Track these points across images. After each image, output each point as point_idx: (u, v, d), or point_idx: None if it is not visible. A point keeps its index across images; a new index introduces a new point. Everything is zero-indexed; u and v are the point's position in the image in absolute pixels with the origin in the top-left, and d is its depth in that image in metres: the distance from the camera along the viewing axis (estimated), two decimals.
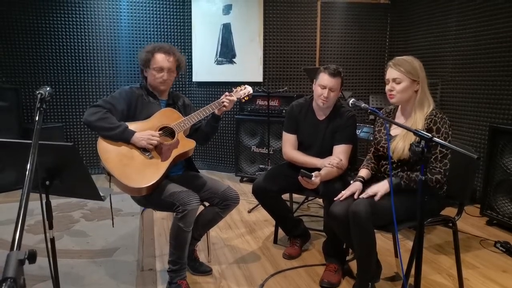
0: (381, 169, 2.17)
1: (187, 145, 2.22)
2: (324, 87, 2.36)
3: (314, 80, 2.46)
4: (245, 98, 2.44)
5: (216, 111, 2.30)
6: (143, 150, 2.12)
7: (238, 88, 2.43)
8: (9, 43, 4.40)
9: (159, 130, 2.18)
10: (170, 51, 2.26)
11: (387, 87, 2.05)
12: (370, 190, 1.98)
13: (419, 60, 2.05)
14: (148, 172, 2.06)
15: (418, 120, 1.98)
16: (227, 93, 2.34)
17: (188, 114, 2.30)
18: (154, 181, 2.04)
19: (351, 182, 2.16)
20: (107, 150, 2.07)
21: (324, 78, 2.37)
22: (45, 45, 4.52)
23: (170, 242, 2.14)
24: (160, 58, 2.23)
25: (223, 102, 2.28)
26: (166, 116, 2.24)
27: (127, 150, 2.10)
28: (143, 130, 2.13)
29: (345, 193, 2.05)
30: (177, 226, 2.06)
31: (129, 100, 2.20)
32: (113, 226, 2.76)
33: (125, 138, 2.09)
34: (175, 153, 2.17)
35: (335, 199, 2.07)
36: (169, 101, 2.36)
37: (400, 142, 1.98)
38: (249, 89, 2.44)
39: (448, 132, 1.95)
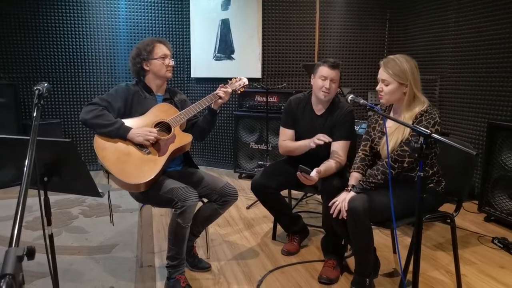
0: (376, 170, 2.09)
1: (184, 139, 2.21)
2: (325, 78, 2.35)
3: (312, 75, 2.45)
4: (241, 90, 2.43)
5: (212, 105, 2.30)
6: (140, 146, 2.11)
7: (234, 80, 2.42)
8: (7, 39, 4.37)
9: (156, 126, 2.18)
10: (165, 40, 2.32)
11: (377, 87, 2.04)
12: (342, 206, 1.99)
13: (413, 61, 2.00)
14: (145, 168, 2.06)
15: (406, 120, 1.95)
16: (222, 85, 2.34)
17: None
18: (152, 177, 2.04)
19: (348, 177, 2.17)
20: (104, 148, 2.07)
21: (324, 70, 2.36)
22: (43, 41, 4.49)
23: (169, 238, 2.14)
24: (162, 47, 2.27)
25: (218, 94, 2.28)
26: (162, 111, 2.24)
27: (124, 146, 2.09)
28: (140, 126, 2.12)
29: (337, 208, 2.02)
30: (176, 222, 2.06)
31: (125, 97, 2.20)
32: (112, 224, 2.76)
33: (121, 134, 2.08)
34: (172, 147, 2.16)
35: (333, 216, 2.04)
36: (166, 96, 2.36)
37: (388, 139, 1.98)
38: (244, 80, 2.43)
39: (432, 129, 1.89)
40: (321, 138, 2.25)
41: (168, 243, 2.16)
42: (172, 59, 2.30)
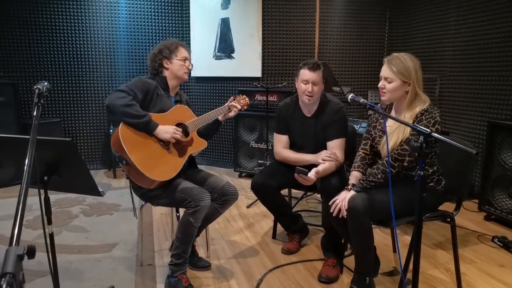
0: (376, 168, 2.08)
1: (200, 144, 2.30)
2: (306, 82, 2.37)
3: (296, 78, 2.46)
4: (244, 107, 2.50)
5: (220, 117, 2.36)
6: (163, 143, 2.14)
7: (240, 98, 2.48)
8: (7, 38, 4.37)
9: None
10: (186, 46, 2.37)
11: (379, 84, 2.03)
12: (342, 205, 1.99)
13: (416, 60, 1.98)
14: (167, 166, 2.11)
15: (406, 120, 1.95)
16: (232, 98, 2.41)
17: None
18: (172, 176, 2.10)
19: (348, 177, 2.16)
20: (130, 138, 2.05)
21: (305, 74, 2.37)
22: (43, 40, 4.49)
23: (177, 236, 2.15)
24: (184, 50, 2.32)
25: (229, 108, 2.36)
26: (180, 113, 2.27)
27: (150, 141, 2.11)
28: (161, 124, 2.13)
29: (337, 207, 2.03)
30: (188, 221, 2.08)
31: (146, 91, 2.19)
32: (136, 218, 2.80)
33: (149, 129, 2.08)
34: (190, 150, 2.23)
35: (333, 214, 2.04)
36: (177, 98, 2.39)
37: (388, 138, 1.97)
38: (247, 100, 2.53)
39: (432, 128, 1.89)
40: (332, 156, 2.30)
41: (175, 241, 2.17)
42: (191, 64, 2.36)
